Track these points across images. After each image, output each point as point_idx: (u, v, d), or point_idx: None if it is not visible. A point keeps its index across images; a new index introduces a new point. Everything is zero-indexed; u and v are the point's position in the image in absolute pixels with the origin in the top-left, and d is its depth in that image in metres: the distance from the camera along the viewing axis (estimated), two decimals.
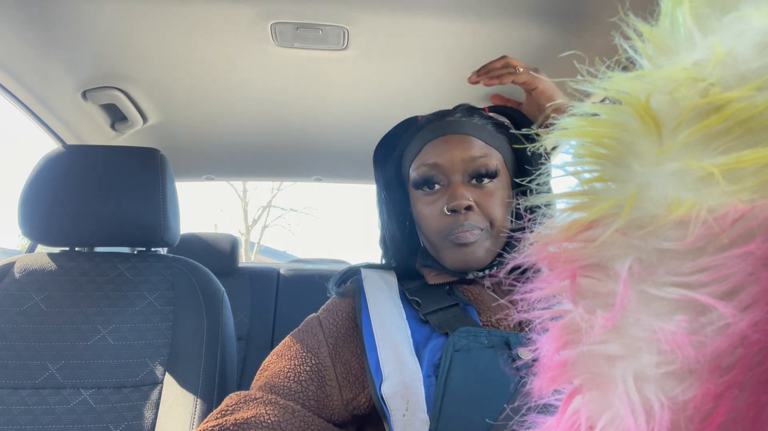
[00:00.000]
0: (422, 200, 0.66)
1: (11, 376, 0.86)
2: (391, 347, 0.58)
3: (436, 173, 0.65)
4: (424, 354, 0.57)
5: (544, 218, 0.25)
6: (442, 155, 0.64)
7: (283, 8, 0.88)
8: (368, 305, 0.63)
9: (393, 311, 0.62)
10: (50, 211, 0.93)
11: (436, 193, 0.65)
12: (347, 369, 0.60)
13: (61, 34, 0.95)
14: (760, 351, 0.17)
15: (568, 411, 0.24)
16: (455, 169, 0.64)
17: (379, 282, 0.67)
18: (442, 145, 0.65)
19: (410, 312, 0.63)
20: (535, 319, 0.25)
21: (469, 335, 0.57)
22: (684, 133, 0.20)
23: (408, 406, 0.52)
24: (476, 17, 0.91)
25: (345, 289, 0.70)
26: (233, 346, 0.98)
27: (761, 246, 0.17)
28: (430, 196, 0.65)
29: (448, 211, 0.62)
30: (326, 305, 0.68)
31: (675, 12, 0.22)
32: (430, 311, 0.62)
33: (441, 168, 0.64)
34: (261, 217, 12.43)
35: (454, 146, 0.64)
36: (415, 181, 0.66)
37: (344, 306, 0.67)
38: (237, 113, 1.33)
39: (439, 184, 0.65)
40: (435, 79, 1.15)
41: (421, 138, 0.68)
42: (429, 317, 0.61)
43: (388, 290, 0.66)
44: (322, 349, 0.61)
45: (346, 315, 0.65)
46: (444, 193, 0.64)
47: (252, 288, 1.79)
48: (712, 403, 0.18)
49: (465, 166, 0.64)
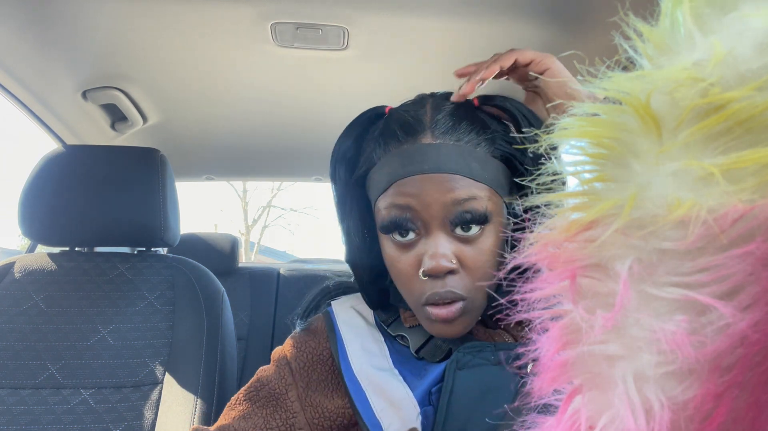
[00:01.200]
0: (392, 245, 0.52)
1: (11, 376, 0.86)
2: (381, 393, 0.52)
3: (411, 217, 0.50)
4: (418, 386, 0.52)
5: (544, 218, 0.25)
6: (416, 197, 0.49)
7: (283, 8, 0.88)
8: (346, 349, 0.55)
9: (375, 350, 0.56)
10: (50, 211, 0.93)
11: (410, 243, 0.51)
12: (319, 413, 0.55)
13: (61, 34, 0.95)
14: (760, 351, 0.17)
15: (568, 411, 0.24)
16: (434, 215, 0.49)
17: (354, 319, 0.59)
18: (417, 184, 0.49)
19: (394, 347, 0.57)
20: (535, 319, 0.25)
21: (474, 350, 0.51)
22: (684, 133, 0.20)
23: None
24: (476, 17, 0.91)
25: (315, 326, 0.61)
26: (233, 346, 0.98)
27: (761, 246, 0.17)
28: (402, 246, 0.51)
29: (423, 276, 0.49)
30: (294, 341, 0.59)
31: (675, 12, 0.22)
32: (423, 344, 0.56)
33: (415, 212, 0.49)
34: (261, 217, 12.45)
35: (433, 187, 0.49)
36: (384, 225, 0.51)
37: (314, 346, 0.58)
38: (237, 113, 1.33)
39: (413, 231, 0.50)
40: (435, 79, 1.15)
41: (389, 168, 0.51)
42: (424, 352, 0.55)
43: (366, 327, 0.58)
44: (290, 393, 0.55)
45: (318, 358, 0.58)
46: (420, 245, 0.50)
47: (252, 288, 1.79)
48: (712, 403, 0.18)
49: (446, 212, 0.49)
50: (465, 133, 0.52)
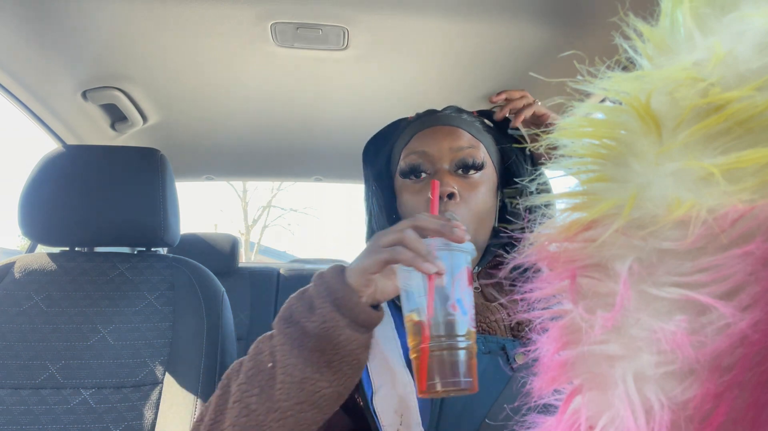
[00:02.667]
0: (408, 189, 0.65)
1: (11, 376, 0.86)
2: (381, 357, 0.56)
3: (423, 161, 0.64)
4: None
5: (544, 218, 0.25)
6: (429, 144, 0.65)
7: (283, 8, 0.88)
8: None
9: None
10: (50, 211, 0.93)
11: (421, 181, 0.65)
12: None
13: (61, 34, 0.95)
14: (760, 351, 0.17)
15: (568, 411, 0.24)
16: (442, 158, 0.64)
17: None
18: (431, 134, 0.66)
19: (400, 319, 0.61)
20: (535, 319, 0.25)
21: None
22: (684, 133, 0.20)
23: (402, 420, 0.51)
24: (476, 17, 0.91)
25: None
26: (233, 346, 0.98)
27: (761, 246, 0.17)
28: (416, 184, 0.65)
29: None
30: None
31: (675, 12, 0.22)
32: None
33: (428, 156, 0.64)
34: (261, 217, 12.44)
35: (443, 136, 0.65)
36: (402, 170, 0.66)
37: None
38: (237, 113, 1.33)
39: (425, 172, 0.65)
40: (435, 79, 1.15)
41: (411, 129, 0.69)
42: None
43: None
44: None
45: None
46: (429, 182, 0.63)
47: (252, 288, 1.79)
48: (712, 403, 0.18)
49: (452, 156, 0.64)
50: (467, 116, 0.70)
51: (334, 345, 0.46)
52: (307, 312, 0.48)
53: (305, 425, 0.46)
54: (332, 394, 0.47)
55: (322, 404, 0.46)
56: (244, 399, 0.46)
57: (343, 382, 0.47)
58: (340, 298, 0.47)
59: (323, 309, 0.47)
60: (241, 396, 0.46)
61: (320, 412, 0.47)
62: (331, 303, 0.47)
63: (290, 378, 0.46)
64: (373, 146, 0.77)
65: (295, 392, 0.45)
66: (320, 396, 0.46)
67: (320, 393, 0.46)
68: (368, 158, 0.76)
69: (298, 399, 0.45)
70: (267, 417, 0.45)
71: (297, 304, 0.50)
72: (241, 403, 0.46)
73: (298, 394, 0.45)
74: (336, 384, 0.47)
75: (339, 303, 0.47)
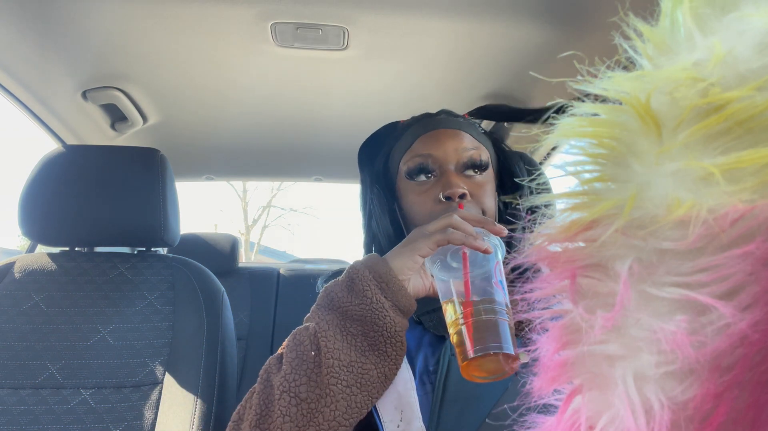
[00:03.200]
0: (414, 190, 0.66)
1: (11, 376, 0.86)
2: None
3: (429, 163, 0.65)
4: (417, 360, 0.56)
5: (544, 218, 0.25)
6: (434, 147, 0.66)
7: (283, 8, 0.88)
8: None
9: None
10: (50, 211, 0.93)
11: (428, 182, 0.65)
12: None
13: (61, 34, 0.95)
14: (760, 351, 0.17)
15: (568, 411, 0.24)
16: (448, 159, 0.65)
17: None
18: (434, 137, 0.67)
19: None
20: (535, 319, 0.25)
21: None
22: (684, 133, 0.20)
23: (402, 416, 0.51)
24: (476, 17, 0.91)
25: None
26: (233, 346, 0.98)
27: (761, 246, 0.17)
28: (422, 185, 0.65)
29: (443, 198, 0.62)
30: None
31: (675, 12, 0.22)
32: (424, 312, 0.61)
33: (434, 158, 0.65)
34: (261, 217, 12.44)
35: (447, 139, 0.66)
36: (409, 171, 0.66)
37: None
38: (237, 113, 1.33)
39: (432, 173, 0.65)
40: (435, 79, 1.15)
41: (412, 133, 0.69)
42: (423, 318, 0.61)
43: None
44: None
45: None
46: (437, 183, 0.64)
47: (252, 288, 1.79)
48: (712, 403, 0.18)
49: (458, 157, 0.65)
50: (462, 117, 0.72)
51: (378, 327, 0.48)
52: (349, 295, 0.49)
53: (356, 409, 0.47)
54: (379, 376, 0.48)
55: (369, 386, 0.47)
56: (292, 389, 0.46)
57: (387, 364, 0.48)
58: (385, 281, 0.49)
59: (368, 291, 0.48)
60: (288, 386, 0.46)
61: (369, 395, 0.48)
62: (376, 286, 0.49)
63: (338, 362, 0.46)
64: (368, 149, 0.77)
65: (344, 375, 0.46)
66: (368, 378, 0.47)
67: (367, 375, 0.47)
68: (364, 161, 0.77)
69: (347, 382, 0.46)
70: (318, 404, 0.46)
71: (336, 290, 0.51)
72: (289, 393, 0.46)
73: (347, 377, 0.46)
74: (381, 366, 0.48)
75: (383, 286, 0.49)
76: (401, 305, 0.49)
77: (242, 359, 1.64)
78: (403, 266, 0.50)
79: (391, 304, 0.49)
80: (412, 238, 0.52)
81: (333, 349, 0.47)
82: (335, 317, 0.49)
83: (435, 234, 0.50)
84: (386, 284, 0.49)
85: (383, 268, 0.50)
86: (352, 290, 0.50)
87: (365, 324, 0.48)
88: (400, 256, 0.51)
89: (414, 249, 0.50)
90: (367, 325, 0.48)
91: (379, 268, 0.50)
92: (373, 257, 0.52)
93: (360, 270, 0.51)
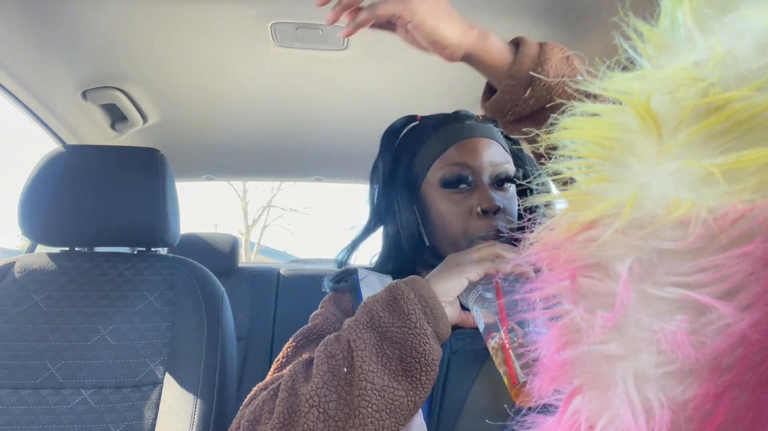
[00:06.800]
0: (447, 199, 0.65)
1: (11, 376, 0.86)
2: None
3: (467, 173, 0.64)
4: None
5: (544, 218, 0.25)
6: (471, 156, 0.65)
7: (283, 8, 0.88)
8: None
9: None
10: (50, 211, 0.93)
11: (462, 192, 0.64)
12: None
13: (61, 34, 0.95)
14: (760, 351, 0.17)
15: (568, 411, 0.24)
16: (484, 171, 0.64)
17: (375, 283, 0.67)
18: (471, 146, 0.65)
19: None
20: (535, 319, 0.25)
21: (466, 337, 0.57)
22: (684, 133, 0.20)
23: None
24: (476, 17, 0.91)
25: (341, 286, 0.69)
26: (233, 346, 0.98)
27: (761, 246, 0.17)
28: (457, 194, 0.64)
29: (481, 212, 0.61)
30: (330, 298, 0.68)
31: (675, 12, 0.22)
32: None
33: (471, 168, 0.64)
34: (261, 217, 12.43)
35: (483, 149, 0.65)
36: (445, 181, 0.65)
37: (343, 300, 0.67)
38: (237, 113, 1.33)
39: (467, 184, 0.64)
40: (435, 79, 1.15)
41: (444, 138, 0.67)
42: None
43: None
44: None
45: (347, 312, 0.65)
46: (471, 194, 0.64)
47: (252, 288, 1.79)
48: (712, 403, 0.18)
49: (491, 170, 0.65)
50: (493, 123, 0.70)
51: (417, 353, 0.46)
52: (390, 316, 0.48)
53: None
54: (409, 403, 0.47)
55: (398, 413, 0.46)
56: (322, 404, 0.45)
57: (419, 392, 0.47)
58: (429, 307, 0.48)
59: (412, 315, 0.48)
60: (318, 401, 0.45)
61: (396, 422, 0.46)
62: (421, 310, 0.48)
63: (370, 385, 0.45)
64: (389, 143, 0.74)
65: (375, 399, 0.45)
66: (398, 404, 0.46)
67: (398, 401, 0.46)
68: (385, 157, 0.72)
69: (378, 406, 0.45)
70: (345, 423, 0.44)
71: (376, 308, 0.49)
72: (318, 408, 0.45)
73: (378, 401, 0.45)
74: (412, 394, 0.47)
75: (427, 311, 0.48)
76: (440, 332, 0.49)
77: (242, 359, 1.64)
78: (450, 288, 0.50)
79: (432, 331, 0.48)
80: (459, 262, 0.52)
81: (367, 371, 0.46)
82: (373, 336, 0.48)
83: (485, 262, 0.51)
84: (430, 309, 0.48)
85: (428, 293, 0.49)
86: (394, 311, 0.49)
87: (403, 348, 0.47)
88: (447, 279, 0.51)
89: (463, 272, 0.50)
90: (405, 349, 0.47)
91: (425, 292, 0.49)
92: (417, 279, 0.51)
93: (404, 291, 0.49)
